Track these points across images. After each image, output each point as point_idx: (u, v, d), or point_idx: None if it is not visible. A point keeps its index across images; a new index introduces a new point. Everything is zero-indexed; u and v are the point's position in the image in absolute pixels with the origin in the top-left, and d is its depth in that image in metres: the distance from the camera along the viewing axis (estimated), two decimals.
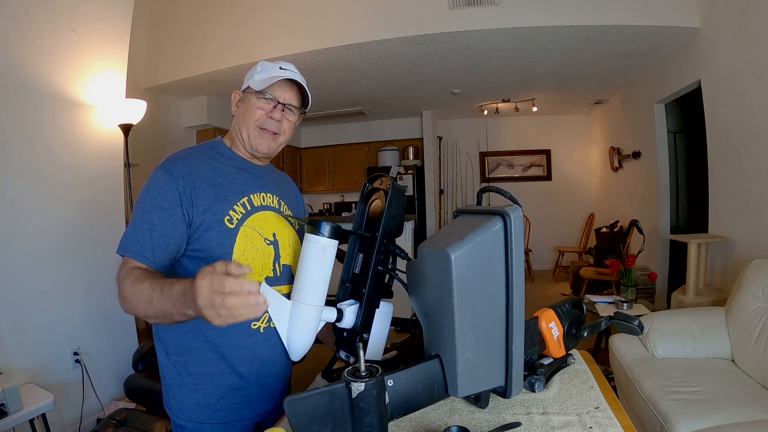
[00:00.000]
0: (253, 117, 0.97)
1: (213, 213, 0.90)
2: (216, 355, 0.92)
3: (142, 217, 0.86)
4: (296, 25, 3.38)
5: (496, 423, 0.78)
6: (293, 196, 1.14)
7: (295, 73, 1.00)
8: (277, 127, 0.98)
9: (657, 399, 1.70)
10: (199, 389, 0.93)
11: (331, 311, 0.90)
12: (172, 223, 0.86)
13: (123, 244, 0.86)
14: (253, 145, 0.98)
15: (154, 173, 0.90)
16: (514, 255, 0.71)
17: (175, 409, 0.95)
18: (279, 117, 0.98)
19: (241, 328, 0.93)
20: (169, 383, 0.96)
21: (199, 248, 0.90)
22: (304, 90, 1.00)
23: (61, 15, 2.23)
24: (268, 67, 0.98)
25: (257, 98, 0.96)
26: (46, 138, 2.23)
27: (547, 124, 6.36)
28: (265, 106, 0.97)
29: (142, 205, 0.87)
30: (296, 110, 1.01)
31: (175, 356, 0.94)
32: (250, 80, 0.98)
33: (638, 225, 3.65)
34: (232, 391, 0.94)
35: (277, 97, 0.97)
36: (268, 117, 0.97)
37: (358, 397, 0.62)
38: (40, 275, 2.17)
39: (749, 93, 2.60)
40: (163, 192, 0.87)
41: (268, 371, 0.98)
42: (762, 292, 1.94)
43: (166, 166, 0.90)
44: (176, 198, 0.87)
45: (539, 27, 3.09)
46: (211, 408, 0.93)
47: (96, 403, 2.39)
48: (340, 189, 6.67)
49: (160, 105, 4.20)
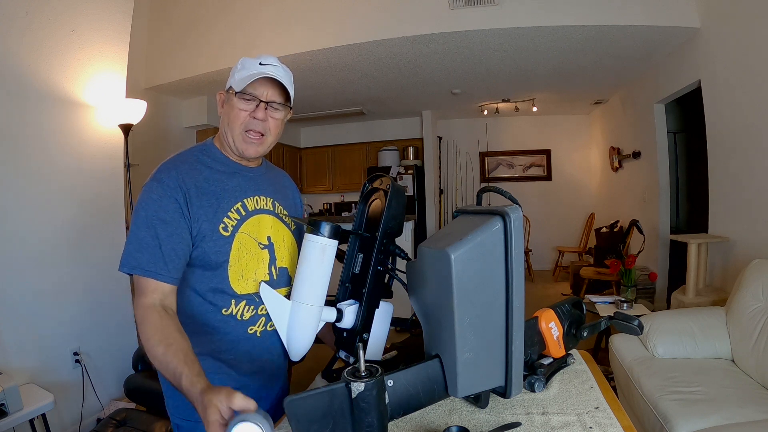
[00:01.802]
0: (237, 120, 0.93)
1: (208, 222, 0.89)
2: (212, 357, 0.92)
3: (146, 232, 0.84)
4: (296, 24, 3.38)
5: (496, 423, 0.78)
6: (289, 195, 1.11)
7: (277, 67, 0.95)
8: (263, 128, 0.95)
9: (657, 399, 1.70)
10: None
11: (330, 311, 0.90)
12: (179, 235, 0.86)
13: (130, 261, 0.84)
14: (240, 149, 0.96)
15: (149, 185, 0.88)
16: (514, 255, 0.71)
17: (172, 407, 0.96)
18: (263, 116, 0.94)
19: (238, 334, 0.93)
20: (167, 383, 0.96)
21: (195, 257, 0.89)
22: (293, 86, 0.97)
23: (61, 15, 2.23)
24: (248, 64, 0.94)
25: (238, 99, 0.93)
26: (46, 138, 2.23)
27: (547, 124, 6.35)
28: (246, 107, 0.93)
29: (144, 219, 0.85)
30: (281, 106, 0.97)
31: None
32: (231, 79, 0.95)
33: (638, 225, 3.65)
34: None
35: (258, 95, 0.93)
36: (251, 118, 0.93)
37: (358, 397, 0.62)
38: (40, 275, 2.17)
39: (749, 93, 2.60)
40: (163, 205, 0.85)
41: (265, 372, 0.98)
42: (762, 292, 1.94)
43: (160, 177, 0.88)
44: (177, 209, 0.86)
45: (539, 27, 3.09)
46: None
47: (96, 403, 2.39)
48: (340, 189, 6.67)
49: (160, 105, 4.20)
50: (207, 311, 0.92)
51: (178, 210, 0.86)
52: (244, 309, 0.93)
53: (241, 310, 0.93)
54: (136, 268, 0.83)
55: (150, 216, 0.85)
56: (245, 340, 0.94)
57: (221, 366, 0.93)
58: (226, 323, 0.92)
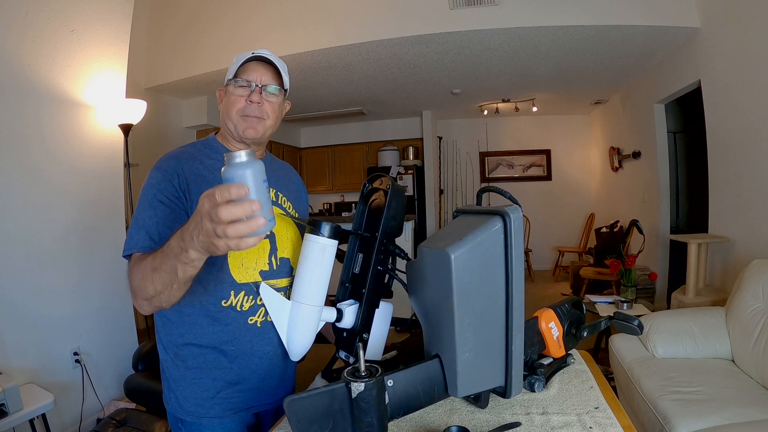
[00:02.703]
0: (234, 106, 0.95)
1: None
2: (214, 350, 0.93)
3: (144, 213, 0.86)
4: (296, 24, 3.38)
5: (496, 423, 0.78)
6: (293, 188, 1.12)
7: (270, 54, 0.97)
8: (260, 111, 0.96)
9: (657, 399, 1.70)
10: (198, 383, 0.94)
11: (330, 311, 0.90)
12: (176, 216, 0.87)
13: (128, 243, 0.85)
14: (239, 131, 0.96)
15: (151, 173, 0.91)
16: (514, 255, 0.71)
17: (174, 402, 0.96)
18: (258, 99, 0.95)
19: (239, 324, 0.94)
20: (168, 377, 0.97)
21: None
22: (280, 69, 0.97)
23: (61, 15, 2.23)
24: (241, 57, 0.96)
25: (234, 86, 0.95)
26: (46, 138, 2.23)
27: (547, 124, 6.35)
28: (242, 93, 0.95)
29: (143, 203, 0.87)
30: (276, 90, 0.97)
31: (173, 349, 0.95)
32: (228, 75, 0.98)
33: (638, 225, 3.65)
34: (230, 385, 0.95)
35: (252, 80, 0.95)
36: (247, 102, 0.95)
37: (358, 397, 0.62)
38: (40, 275, 2.17)
39: (749, 93, 2.60)
40: (162, 189, 0.88)
41: (266, 365, 0.98)
42: (762, 292, 1.94)
43: (160, 165, 0.91)
44: (176, 193, 0.88)
45: (539, 27, 3.09)
46: (209, 402, 0.94)
47: (96, 403, 2.39)
48: (340, 189, 6.67)
49: (160, 105, 4.21)
50: (207, 303, 0.92)
51: (176, 194, 0.88)
52: (243, 299, 0.94)
53: (241, 301, 0.94)
54: (133, 248, 0.84)
55: (149, 199, 0.87)
56: (246, 331, 0.95)
57: (221, 360, 0.94)
58: (225, 315, 0.93)
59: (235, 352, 0.94)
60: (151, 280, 0.74)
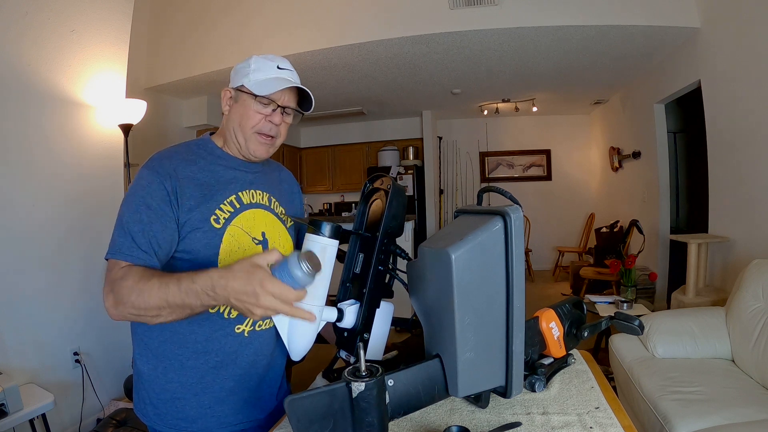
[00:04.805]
0: (251, 122, 0.92)
1: (199, 213, 0.87)
2: (197, 362, 0.89)
3: (130, 216, 0.82)
4: (296, 24, 3.38)
5: (497, 423, 0.78)
6: (286, 190, 1.09)
7: (293, 72, 0.96)
8: (276, 131, 0.95)
9: (657, 399, 1.70)
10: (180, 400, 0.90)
11: (331, 311, 0.89)
12: (163, 222, 0.83)
13: (112, 247, 0.82)
14: (250, 150, 0.94)
15: (140, 172, 0.87)
16: (514, 255, 0.71)
17: (153, 415, 0.92)
18: (279, 121, 0.94)
19: (225, 332, 0.90)
20: (146, 387, 0.92)
21: (184, 249, 0.86)
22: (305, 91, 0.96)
23: (61, 15, 2.23)
24: (263, 66, 0.92)
25: (256, 102, 0.91)
26: (46, 138, 2.23)
27: (547, 124, 6.36)
28: (264, 110, 0.92)
29: (129, 204, 0.84)
30: (294, 111, 0.97)
31: (153, 360, 0.91)
32: (244, 78, 0.92)
33: (638, 225, 3.65)
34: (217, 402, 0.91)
35: (276, 99, 0.92)
36: (266, 121, 0.93)
37: (359, 396, 0.62)
38: (40, 275, 2.17)
39: (749, 93, 2.60)
40: (151, 191, 0.84)
41: (253, 377, 0.95)
42: (762, 292, 1.94)
43: (151, 164, 0.87)
44: (165, 197, 0.84)
45: (539, 27, 3.09)
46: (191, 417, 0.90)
47: (96, 403, 2.39)
48: (340, 189, 6.67)
49: (160, 105, 4.20)
50: None
51: (165, 197, 0.84)
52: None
53: (228, 308, 0.89)
54: (117, 253, 0.81)
55: (137, 201, 0.83)
56: (232, 338, 0.91)
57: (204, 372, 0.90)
58: (211, 321, 0.89)
59: (219, 364, 0.90)
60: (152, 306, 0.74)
